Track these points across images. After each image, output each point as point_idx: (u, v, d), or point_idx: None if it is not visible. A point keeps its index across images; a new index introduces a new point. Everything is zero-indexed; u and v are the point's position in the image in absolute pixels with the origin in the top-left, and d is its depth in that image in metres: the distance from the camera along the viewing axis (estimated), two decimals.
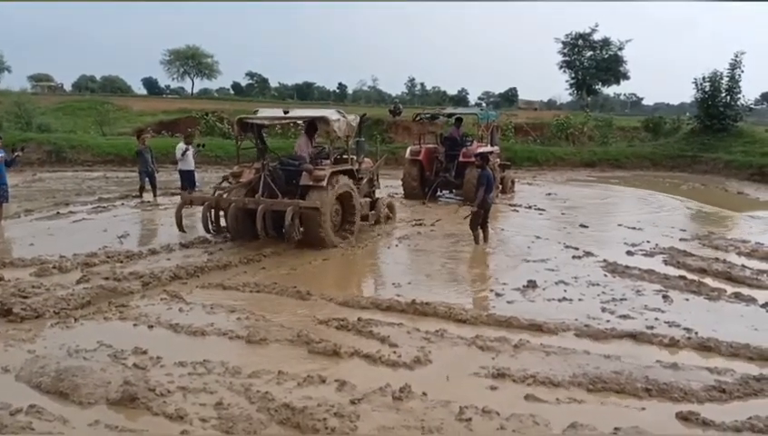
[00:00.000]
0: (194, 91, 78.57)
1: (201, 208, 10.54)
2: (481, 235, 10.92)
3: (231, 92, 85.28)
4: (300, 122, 12.34)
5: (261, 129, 11.10)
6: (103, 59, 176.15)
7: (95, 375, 5.12)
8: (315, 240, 9.94)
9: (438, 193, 17.21)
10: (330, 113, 10.72)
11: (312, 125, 11.17)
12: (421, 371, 5.54)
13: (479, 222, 10.82)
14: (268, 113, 11.45)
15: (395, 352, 5.87)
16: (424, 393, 4.97)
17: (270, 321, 6.70)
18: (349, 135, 10.99)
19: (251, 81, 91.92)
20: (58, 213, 13.32)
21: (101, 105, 36.48)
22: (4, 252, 9.89)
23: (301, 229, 9.81)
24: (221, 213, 10.42)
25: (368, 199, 11.91)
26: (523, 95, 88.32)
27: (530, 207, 15.81)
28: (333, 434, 4.26)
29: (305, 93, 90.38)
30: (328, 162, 10.70)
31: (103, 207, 14.27)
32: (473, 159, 13.88)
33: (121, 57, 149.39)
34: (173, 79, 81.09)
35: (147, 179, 15.57)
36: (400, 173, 17.84)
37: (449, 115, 18.84)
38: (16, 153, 12.55)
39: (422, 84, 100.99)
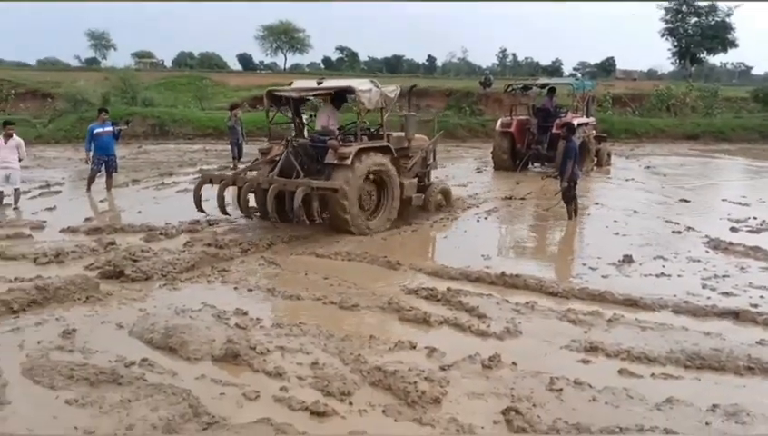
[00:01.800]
0: (286, 66, 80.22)
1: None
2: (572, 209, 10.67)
3: (322, 66, 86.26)
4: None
5: (299, 103, 10.47)
6: (201, 36, 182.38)
7: (201, 333, 5.44)
8: (340, 224, 9.11)
9: (530, 166, 16.88)
10: (359, 83, 9.62)
11: (339, 97, 10.31)
12: (511, 342, 5.54)
13: (572, 195, 10.56)
14: (301, 85, 10.47)
15: (484, 323, 5.90)
16: (513, 363, 4.98)
17: (361, 288, 6.87)
18: (386, 108, 9.72)
19: (341, 55, 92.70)
20: (163, 183, 14.10)
21: (199, 81, 37.89)
22: (114, 218, 10.62)
23: (325, 214, 9.20)
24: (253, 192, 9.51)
25: (416, 180, 10.54)
26: (621, 65, 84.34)
27: (628, 180, 15.25)
28: (424, 397, 4.35)
29: (394, 66, 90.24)
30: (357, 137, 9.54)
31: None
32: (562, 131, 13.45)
33: (217, 34, 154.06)
34: (267, 55, 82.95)
35: (236, 150, 16.11)
36: (490, 145, 17.63)
37: (542, 86, 18.35)
38: (119, 127, 13.19)
39: (514, 55, 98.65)
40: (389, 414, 4.23)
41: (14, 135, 11.21)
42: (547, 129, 15.97)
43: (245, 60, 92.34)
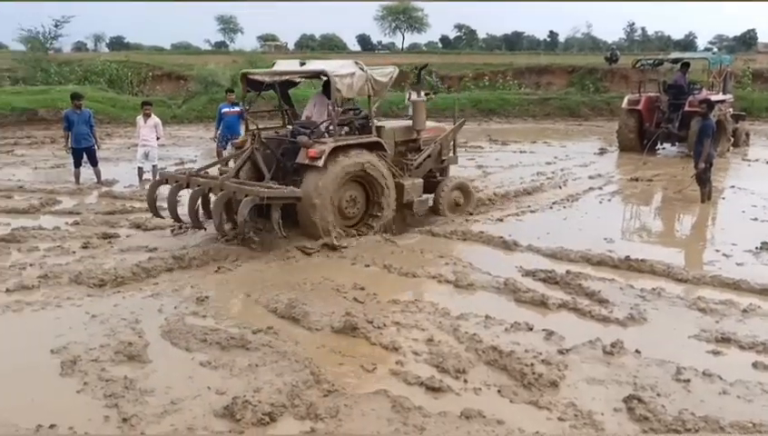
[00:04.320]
0: (404, 45, 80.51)
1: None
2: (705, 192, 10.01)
3: (440, 45, 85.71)
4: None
5: (285, 88, 8.77)
6: (322, 18, 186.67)
7: (321, 305, 5.67)
8: (311, 235, 7.55)
9: (658, 146, 15.96)
10: (339, 65, 7.87)
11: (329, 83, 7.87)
12: (634, 329, 5.33)
13: (707, 177, 9.90)
14: (284, 66, 8.68)
15: (606, 308, 5.70)
16: (637, 351, 4.79)
17: (476, 268, 6.83)
18: (376, 94, 8.05)
19: (458, 33, 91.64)
20: None
21: None
22: None
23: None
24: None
25: (421, 181, 8.66)
26: (763, 38, 77.39)
27: None
28: (541, 379, 4.29)
29: (513, 43, 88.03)
30: (345, 129, 8.09)
31: None
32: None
33: (338, 15, 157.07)
34: (385, 35, 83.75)
35: None
36: (615, 124, 16.84)
37: (675, 61, 17.19)
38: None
39: (643, 29, 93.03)
40: (505, 394, 4.21)
41: (153, 115, 12.05)
42: (679, 106, 14.97)
43: (364, 40, 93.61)
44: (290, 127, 8.39)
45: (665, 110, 15.42)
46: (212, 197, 7.52)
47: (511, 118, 24.82)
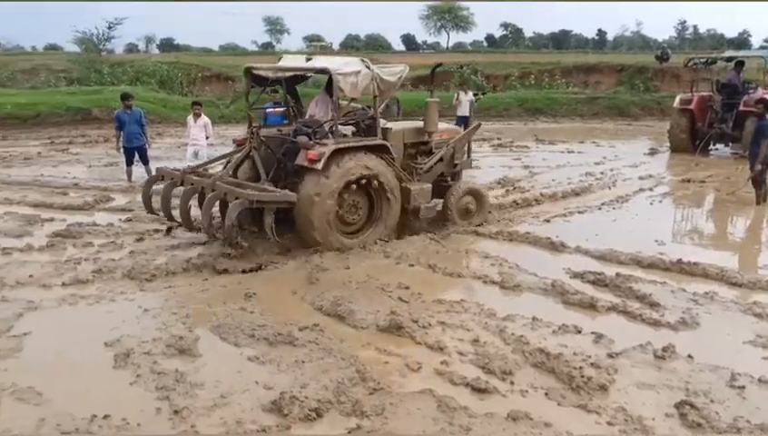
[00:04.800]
0: (449, 45, 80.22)
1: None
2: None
3: (485, 44, 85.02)
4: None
5: (293, 82, 8.49)
6: (367, 18, 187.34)
7: (366, 304, 5.69)
8: (308, 242, 7.18)
9: (711, 147, 15.50)
10: (343, 63, 7.50)
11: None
12: (686, 333, 5.19)
13: (764, 178, 9.58)
14: (289, 61, 8.36)
15: (657, 312, 5.57)
16: (689, 356, 4.67)
17: (523, 269, 6.74)
18: (382, 94, 7.60)
19: (504, 32, 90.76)
20: None
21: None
22: None
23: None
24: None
25: (429, 186, 8.02)
26: None
27: None
28: (590, 383, 4.22)
29: (560, 41, 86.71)
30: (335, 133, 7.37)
31: None
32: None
33: (383, 15, 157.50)
34: (430, 34, 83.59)
35: None
36: (666, 124, 16.44)
37: (729, 59, 16.68)
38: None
39: (694, 27, 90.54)
40: (552, 397, 4.16)
41: (202, 115, 12.28)
42: (733, 106, 14.54)
43: (408, 40, 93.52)
44: (294, 126, 8.03)
45: (719, 110, 14.99)
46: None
47: (558, 117, 24.45)
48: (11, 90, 24.36)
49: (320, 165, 6.82)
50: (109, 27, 30.80)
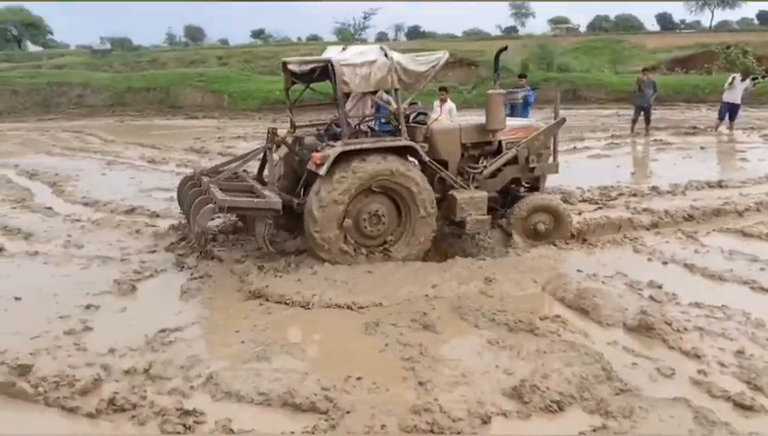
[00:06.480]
0: (712, 23, 72.02)
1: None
2: None
3: (756, 21, 74.70)
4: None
5: (326, 76, 6.79)
6: None
7: (613, 300, 5.40)
8: (314, 251, 6.42)
9: None
10: (352, 54, 6.56)
11: None
12: None
13: None
14: (332, 52, 6.93)
15: None
16: None
17: None
18: (407, 87, 6.62)
19: None
20: (575, 147, 14.23)
21: (616, 44, 36.74)
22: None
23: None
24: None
25: (485, 194, 6.80)
26: None
27: None
28: None
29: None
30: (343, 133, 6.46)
31: (616, 144, 14.58)
32: None
33: None
34: (691, 12, 75.74)
35: (642, 112, 15.85)
36: None
37: None
38: (525, 93, 13.49)
39: None
40: None
41: (448, 100, 12.58)
42: None
43: (664, 20, 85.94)
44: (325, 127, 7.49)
45: None
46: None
47: None
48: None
49: (323, 170, 6.12)
50: (364, 18, 33.13)
